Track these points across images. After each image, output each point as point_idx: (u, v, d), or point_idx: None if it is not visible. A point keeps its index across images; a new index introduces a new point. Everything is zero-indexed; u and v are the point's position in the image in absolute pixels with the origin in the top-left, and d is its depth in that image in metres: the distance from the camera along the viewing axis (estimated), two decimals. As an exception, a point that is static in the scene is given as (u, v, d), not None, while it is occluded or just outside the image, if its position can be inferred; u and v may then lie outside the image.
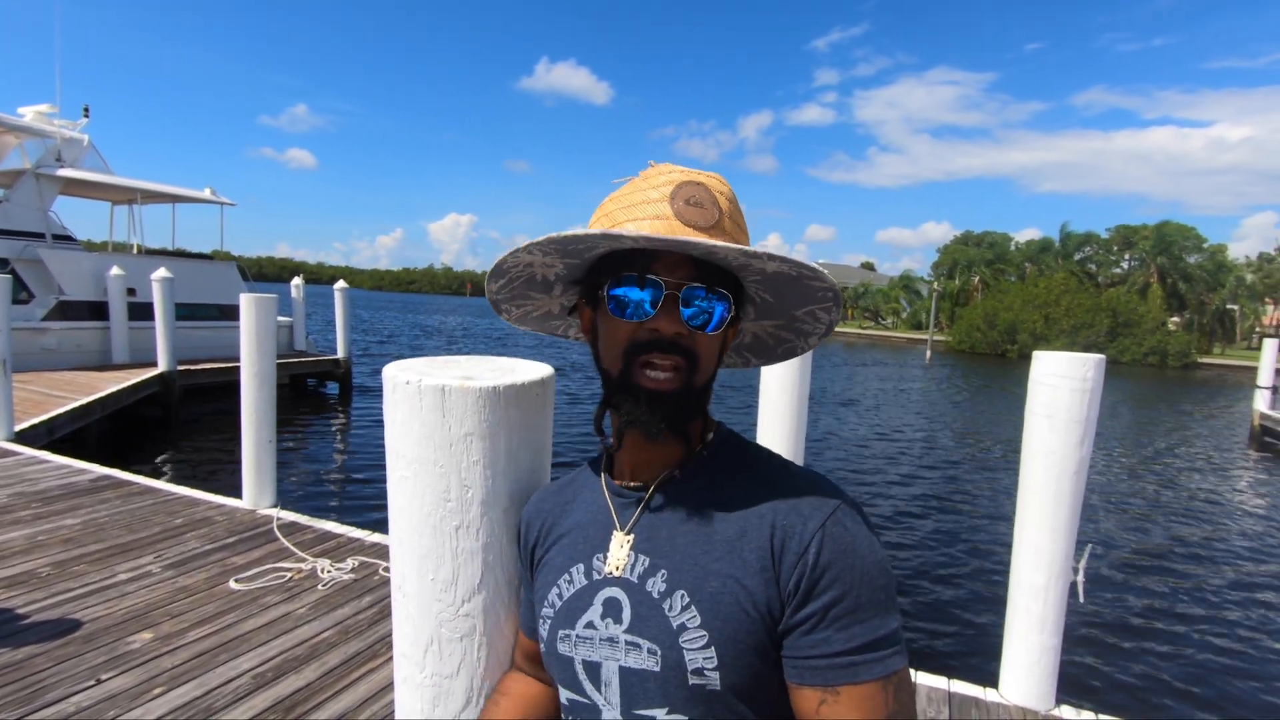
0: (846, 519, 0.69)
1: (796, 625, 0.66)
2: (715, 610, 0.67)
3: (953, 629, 5.26)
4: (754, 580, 0.67)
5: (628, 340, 0.71)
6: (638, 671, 0.70)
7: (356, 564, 3.70)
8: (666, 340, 0.70)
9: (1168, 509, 9.38)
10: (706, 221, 0.70)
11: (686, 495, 0.75)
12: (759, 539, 0.68)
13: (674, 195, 0.70)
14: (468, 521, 0.87)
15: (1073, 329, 42.74)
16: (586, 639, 0.74)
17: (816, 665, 0.65)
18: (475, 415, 0.85)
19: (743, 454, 0.78)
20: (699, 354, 0.71)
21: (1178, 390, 29.00)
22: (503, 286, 0.85)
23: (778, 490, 0.71)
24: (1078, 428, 2.52)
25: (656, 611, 0.70)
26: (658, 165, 0.75)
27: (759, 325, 0.88)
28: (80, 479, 5.09)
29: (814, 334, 0.84)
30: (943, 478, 10.43)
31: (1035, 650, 2.64)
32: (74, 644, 2.78)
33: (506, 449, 0.88)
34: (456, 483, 0.86)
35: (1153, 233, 50.80)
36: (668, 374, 0.70)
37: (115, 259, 12.73)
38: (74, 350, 11.86)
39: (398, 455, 0.88)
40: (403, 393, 0.86)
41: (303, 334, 16.16)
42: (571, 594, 0.77)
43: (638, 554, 0.74)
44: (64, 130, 13.32)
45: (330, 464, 9.73)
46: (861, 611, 0.65)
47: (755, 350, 0.92)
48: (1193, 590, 6.40)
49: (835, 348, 43.61)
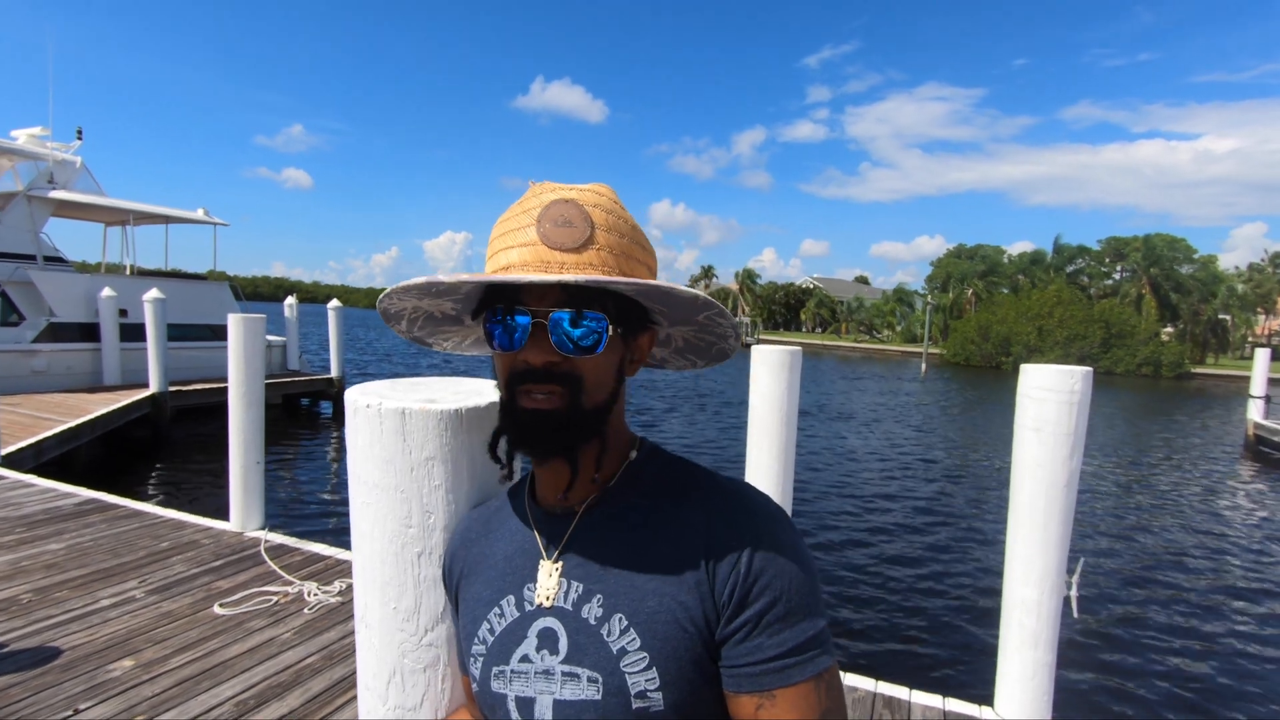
0: (776, 529, 0.69)
1: (731, 635, 0.66)
2: (654, 630, 0.67)
3: (947, 647, 5.21)
4: (689, 595, 0.67)
5: (507, 371, 0.71)
6: (575, 703, 0.68)
7: (344, 586, 3.65)
8: (539, 370, 0.68)
9: (1164, 520, 9.35)
10: (574, 241, 0.67)
11: (614, 514, 0.74)
12: (691, 553, 0.68)
13: (541, 217, 0.68)
14: (429, 548, 0.85)
15: (1066, 340, 42.91)
16: (521, 673, 0.71)
17: (751, 672, 0.65)
18: (436, 439, 0.83)
19: (669, 469, 0.77)
20: (582, 376, 0.69)
21: (1172, 400, 29.08)
22: (408, 328, 0.84)
23: (707, 503, 0.71)
24: (1067, 440, 2.50)
25: (595, 638, 0.68)
26: (537, 185, 0.73)
27: (679, 330, 0.84)
28: (65, 503, 5.03)
29: (728, 335, 0.80)
30: (937, 492, 10.39)
31: (1030, 666, 2.61)
32: (52, 673, 2.72)
33: (469, 473, 0.86)
34: (418, 508, 0.84)
35: (1143, 244, 51.24)
36: (546, 397, 0.68)
37: (107, 280, 12.71)
38: (64, 372, 11.79)
39: (359, 480, 0.86)
40: (363, 416, 0.85)
41: (296, 353, 16.11)
42: (504, 628, 0.74)
43: (570, 580, 0.72)
44: (56, 153, 13.37)
45: (322, 485, 9.65)
46: (792, 616, 0.66)
47: (694, 352, 0.88)
48: (1190, 602, 6.36)
49: (830, 362, 43.70)
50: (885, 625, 5.50)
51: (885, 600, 6.05)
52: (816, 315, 76.40)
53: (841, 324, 71.74)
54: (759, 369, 3.06)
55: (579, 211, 0.69)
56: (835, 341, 64.16)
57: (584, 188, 0.72)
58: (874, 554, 7.27)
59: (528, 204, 0.71)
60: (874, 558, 7.15)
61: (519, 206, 0.72)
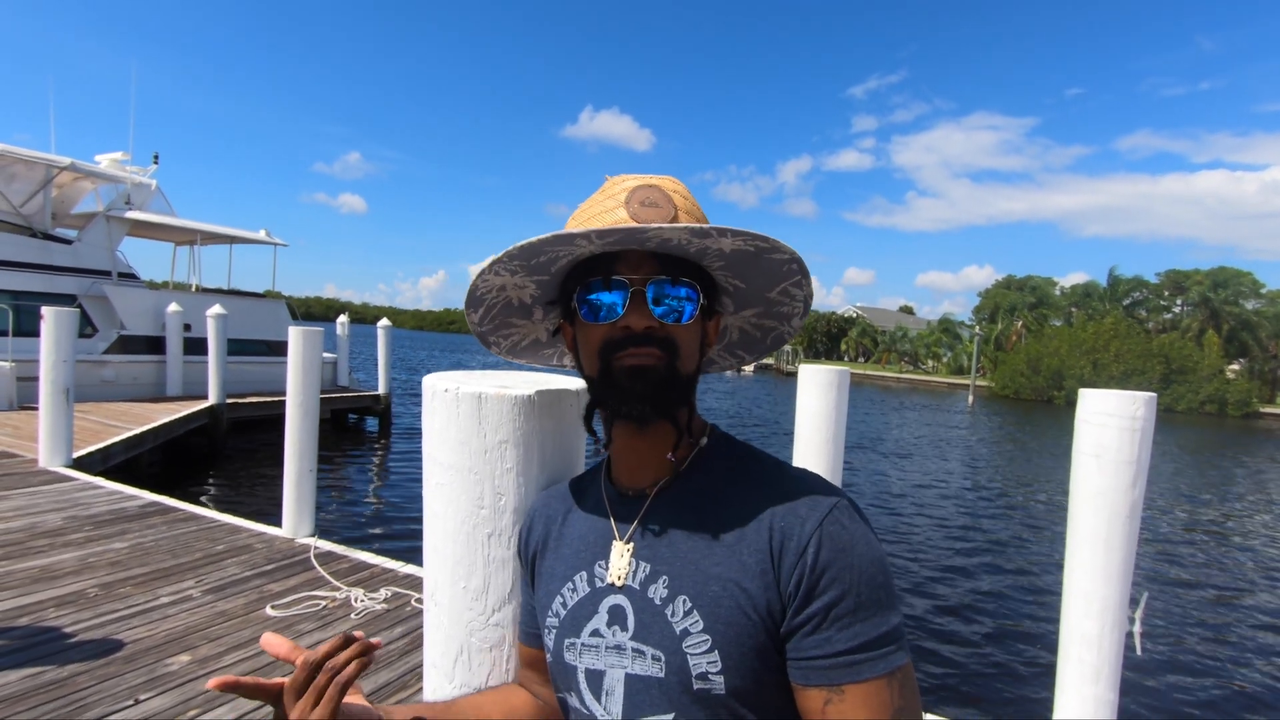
0: (844, 517, 0.68)
1: (799, 627, 0.65)
2: (717, 614, 0.67)
3: (1002, 683, 5.00)
4: (754, 583, 0.67)
5: (602, 341, 0.72)
6: (642, 678, 0.70)
7: (389, 594, 3.71)
8: (639, 335, 0.71)
9: (1228, 563, 8.83)
10: (663, 218, 0.71)
11: (684, 499, 0.75)
12: (757, 542, 0.68)
13: (629, 200, 0.72)
14: (500, 529, 0.88)
15: (1123, 375, 41.23)
16: (592, 647, 0.74)
17: (820, 665, 0.64)
18: (510, 423, 0.87)
19: (738, 456, 0.78)
20: (677, 342, 0.72)
21: (1238, 440, 27.58)
22: (483, 316, 0.85)
23: (774, 491, 0.71)
24: (1129, 468, 2.42)
25: (659, 618, 0.70)
26: (613, 177, 0.77)
27: (740, 319, 0.88)
28: (130, 504, 5.26)
29: (794, 314, 0.84)
30: (989, 529, 10.04)
31: (1090, 703, 2.49)
32: (115, 664, 2.83)
33: (540, 457, 0.89)
34: (490, 490, 0.87)
35: (1207, 277, 49.19)
36: (646, 355, 0.71)
37: (174, 296, 13.36)
38: (130, 383, 12.37)
39: (434, 462, 0.90)
40: (440, 400, 0.89)
41: (345, 370, 16.58)
42: (576, 602, 0.77)
43: (639, 560, 0.74)
44: (134, 176, 14.20)
45: (367, 496, 9.86)
46: (862, 610, 0.65)
47: (745, 345, 0.92)
48: (1256, 646, 5.98)
49: (872, 391, 42.84)
50: (935, 657, 5.31)
51: (937, 631, 5.85)
52: (859, 345, 75.21)
53: (884, 354, 70.38)
54: (807, 388, 3.04)
55: (663, 194, 0.73)
56: (878, 371, 62.95)
57: (662, 177, 0.77)
58: (922, 586, 7.05)
59: (610, 191, 0.75)
60: (922, 591, 6.93)
61: (601, 194, 0.76)
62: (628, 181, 0.75)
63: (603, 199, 0.75)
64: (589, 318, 0.73)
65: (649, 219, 0.71)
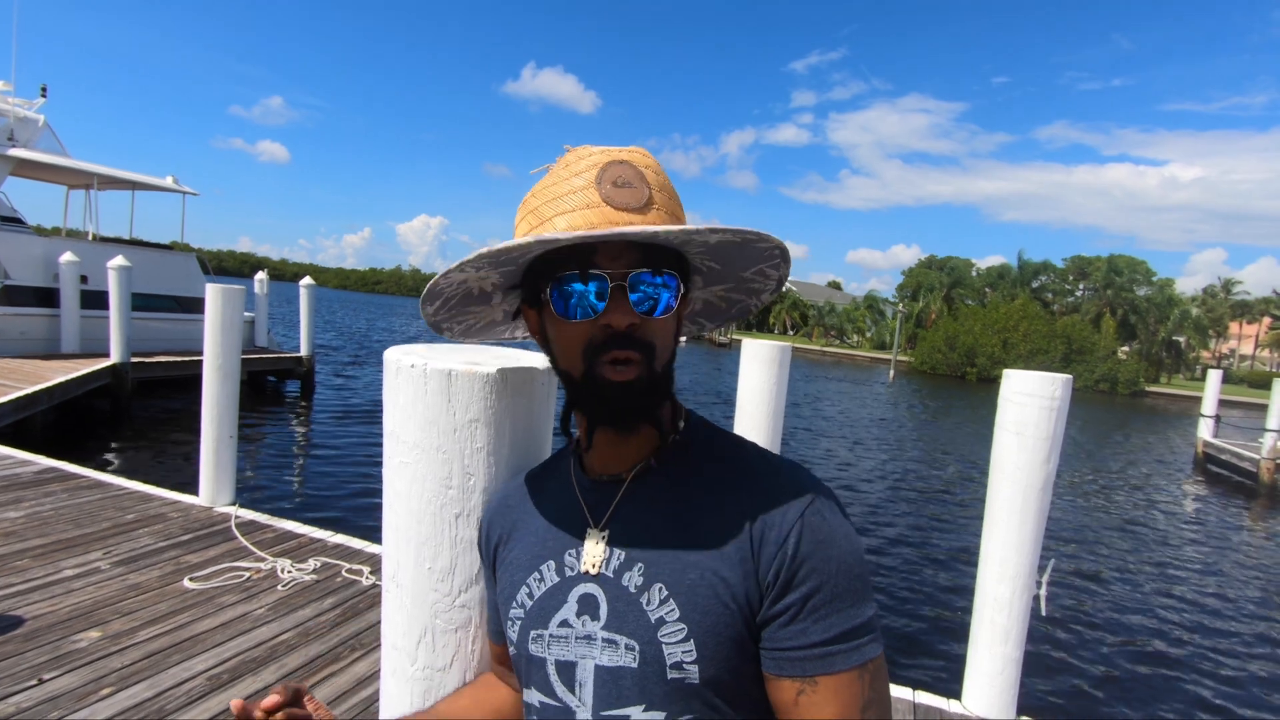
0: (824, 509, 0.68)
1: (774, 617, 0.65)
2: (694, 603, 0.66)
3: (917, 642, 5.34)
4: (732, 572, 0.66)
5: (584, 340, 0.68)
6: (614, 669, 0.68)
7: (319, 565, 3.59)
8: (622, 334, 0.67)
9: (1120, 529, 9.68)
10: (638, 201, 0.67)
11: (662, 486, 0.73)
12: (737, 530, 0.67)
13: (600, 179, 0.67)
14: (468, 510, 0.85)
15: (1029, 354, 44.00)
16: (561, 638, 0.71)
17: (794, 656, 0.64)
18: (481, 401, 0.83)
19: (717, 442, 0.76)
20: (655, 341, 0.69)
21: (1127, 417, 30.06)
22: (439, 308, 0.80)
23: (755, 480, 0.70)
24: (1045, 444, 2.59)
25: (634, 606, 0.68)
26: (575, 149, 0.72)
27: (709, 291, 0.85)
28: (24, 470, 4.86)
29: (765, 290, 0.82)
30: (908, 494, 10.61)
31: (999, 662, 2.69)
32: (14, 642, 2.64)
33: (511, 437, 0.87)
34: (459, 469, 0.84)
35: (1104, 264, 52.79)
36: (630, 366, 0.67)
37: (68, 245, 12.24)
38: (18, 337, 11.33)
39: (398, 440, 0.86)
40: (406, 376, 0.85)
41: (265, 330, 15.74)
42: (543, 592, 0.74)
43: (613, 548, 0.72)
44: (18, 109, 12.82)
45: (290, 463, 9.46)
46: (838, 601, 0.64)
47: (707, 315, 0.90)
48: (1146, 606, 6.63)
49: (797, 364, 44.16)
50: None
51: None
52: (789, 318, 77.12)
53: (813, 328, 72.50)
54: (749, 364, 3.09)
55: (635, 173, 0.68)
56: (805, 345, 64.82)
57: (629, 150, 0.71)
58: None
59: (575, 167, 0.69)
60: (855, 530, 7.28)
61: (565, 170, 0.70)
62: (594, 155, 0.69)
63: (567, 175, 0.69)
64: (563, 311, 0.68)
65: (623, 202, 0.66)
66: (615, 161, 0.68)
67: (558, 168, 0.71)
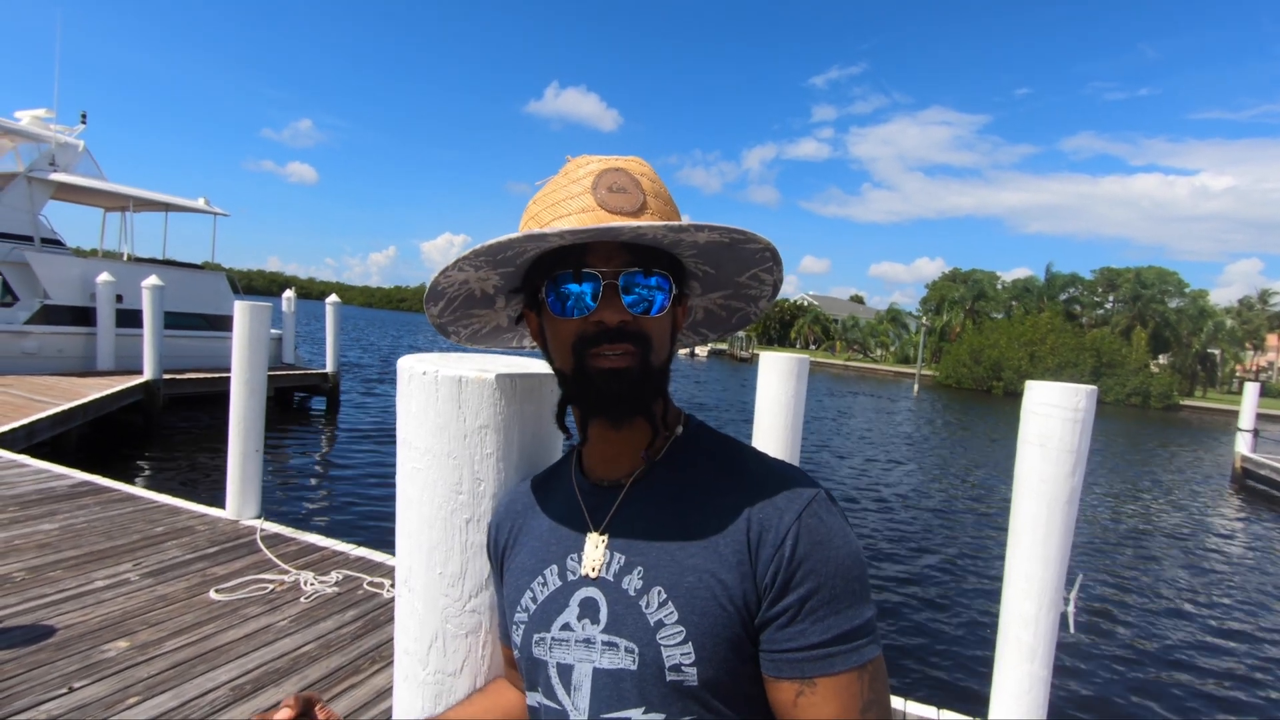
0: (822, 511, 0.68)
1: (773, 619, 0.65)
2: (692, 605, 0.66)
3: (942, 659, 5.22)
4: (730, 574, 0.66)
5: (575, 336, 0.70)
6: (613, 672, 0.68)
7: (341, 577, 3.63)
8: (612, 330, 0.69)
9: (1154, 546, 9.40)
10: (632, 206, 0.69)
11: (660, 490, 0.74)
12: (735, 533, 0.68)
13: (595, 185, 0.70)
14: (478, 515, 0.86)
15: (1057, 367, 43.15)
16: (562, 641, 0.72)
17: (793, 658, 0.64)
18: (491, 407, 0.85)
19: (715, 446, 0.77)
20: (649, 335, 0.71)
21: (1161, 431, 29.27)
22: (444, 308, 0.82)
23: (752, 483, 0.70)
24: (1069, 457, 2.53)
25: (633, 609, 0.69)
26: (575, 159, 0.75)
27: (707, 300, 0.87)
28: (59, 484, 4.99)
29: (762, 297, 0.84)
30: (934, 509, 10.42)
31: (1025, 680, 2.62)
32: (46, 651, 2.70)
33: (520, 442, 0.88)
34: (469, 475, 0.86)
35: (1134, 276, 51.75)
36: (622, 356, 0.69)
37: (104, 265, 12.63)
38: (55, 355, 11.69)
39: (410, 447, 0.88)
40: (418, 383, 0.86)
41: (291, 347, 16.03)
42: (546, 596, 0.75)
43: (613, 552, 0.72)
44: (60, 135, 13.30)
45: (315, 478, 9.59)
46: (837, 603, 0.65)
47: (709, 324, 0.92)
48: (1182, 626, 6.40)
49: (821, 378, 43.79)
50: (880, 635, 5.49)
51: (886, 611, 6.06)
52: (810, 332, 76.63)
53: (835, 342, 71.93)
54: (768, 376, 3.08)
55: (630, 179, 0.71)
56: (828, 359, 64.31)
57: (626, 159, 0.74)
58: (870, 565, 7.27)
59: (573, 174, 0.72)
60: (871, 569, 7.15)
61: (565, 178, 0.73)
62: (591, 164, 0.72)
63: (566, 183, 0.72)
64: (559, 310, 0.71)
65: (617, 206, 0.69)
66: (611, 169, 0.71)
67: (558, 176, 0.74)
